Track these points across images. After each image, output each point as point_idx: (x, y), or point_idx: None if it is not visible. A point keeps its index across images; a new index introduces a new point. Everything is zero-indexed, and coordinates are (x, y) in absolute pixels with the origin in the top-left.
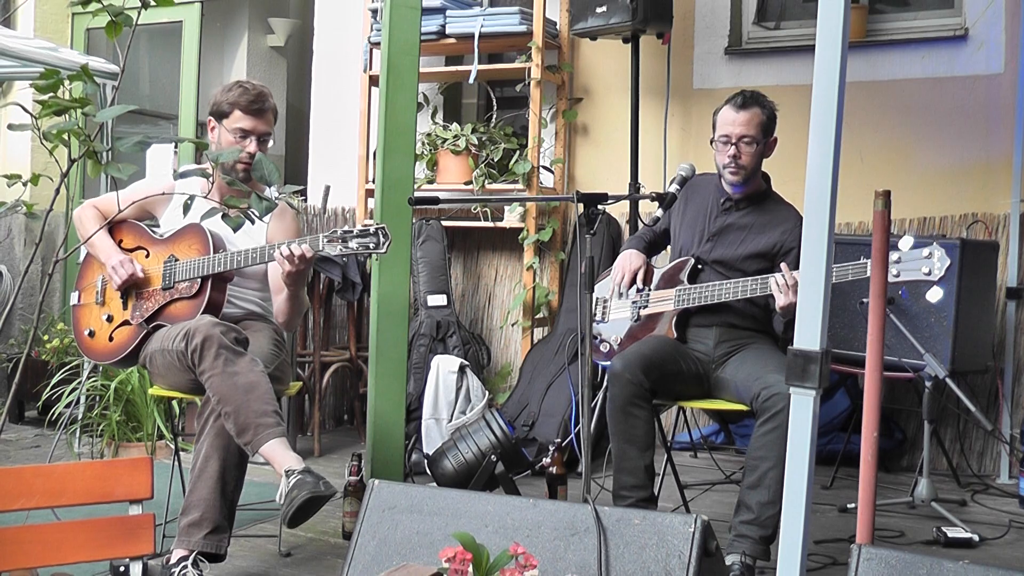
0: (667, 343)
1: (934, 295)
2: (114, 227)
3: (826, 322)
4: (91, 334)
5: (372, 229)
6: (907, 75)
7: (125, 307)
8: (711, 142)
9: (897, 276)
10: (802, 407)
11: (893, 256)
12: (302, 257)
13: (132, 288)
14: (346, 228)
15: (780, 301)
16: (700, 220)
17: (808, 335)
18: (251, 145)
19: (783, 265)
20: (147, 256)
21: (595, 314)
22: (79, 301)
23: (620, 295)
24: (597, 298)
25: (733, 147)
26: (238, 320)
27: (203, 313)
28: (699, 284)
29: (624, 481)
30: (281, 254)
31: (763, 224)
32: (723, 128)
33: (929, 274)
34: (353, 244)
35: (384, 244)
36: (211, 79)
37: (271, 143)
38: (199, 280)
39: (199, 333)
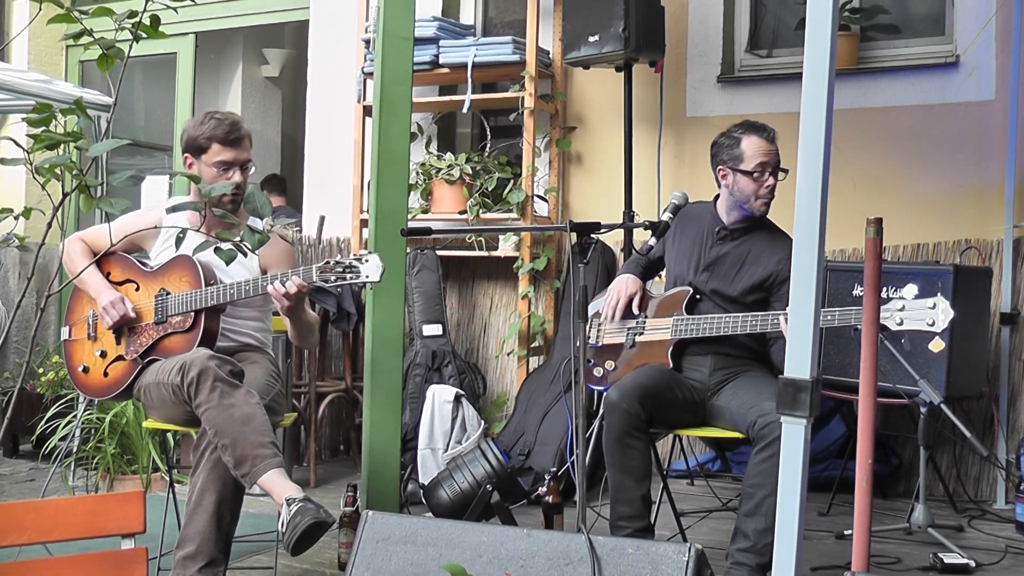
0: (663, 372)
1: (936, 346)
2: (103, 260)
3: (816, 351)
4: (85, 370)
5: (364, 258)
6: (899, 102)
7: (118, 342)
8: (732, 172)
9: (900, 324)
10: (793, 435)
11: (897, 304)
12: (296, 294)
13: (124, 324)
14: (338, 259)
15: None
16: (695, 249)
17: (798, 364)
18: (235, 175)
19: None
20: (137, 289)
21: (588, 335)
22: (70, 336)
23: (610, 319)
24: (591, 316)
25: (771, 176)
26: (233, 352)
27: (199, 346)
28: (696, 315)
29: (621, 512)
30: (275, 290)
31: (758, 253)
32: (759, 157)
33: (932, 325)
34: (345, 274)
35: (378, 272)
36: (206, 110)
37: (252, 169)
38: (192, 313)
39: (195, 366)
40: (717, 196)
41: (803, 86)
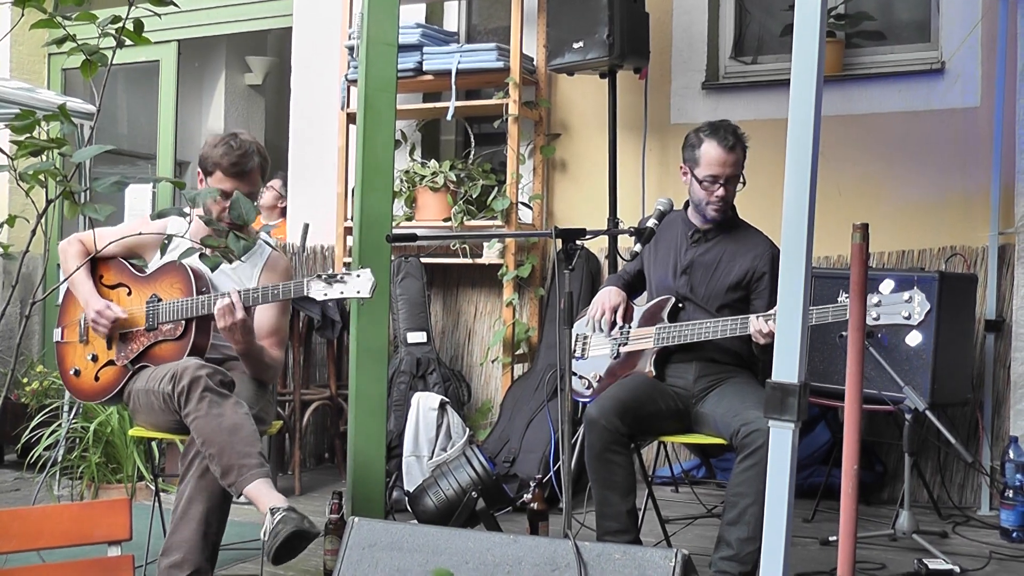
0: (645, 383)
1: (913, 339)
2: (98, 262)
3: (804, 355)
4: (76, 373)
5: (357, 273)
6: (884, 109)
7: (110, 347)
8: (690, 174)
9: (877, 320)
10: (781, 439)
11: (873, 299)
12: (228, 307)
13: (116, 330)
14: (330, 272)
15: (761, 341)
16: (671, 255)
17: (786, 368)
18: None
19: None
20: (129, 294)
21: (575, 350)
22: (62, 338)
23: (598, 331)
24: (577, 335)
25: (722, 187)
26: (223, 363)
27: (188, 355)
28: (679, 323)
29: (607, 527)
30: (216, 307)
31: (733, 252)
32: (712, 168)
33: (908, 318)
34: (337, 288)
35: (369, 288)
36: (189, 118)
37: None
38: (183, 322)
39: (186, 375)
40: (687, 203)
41: (791, 93)
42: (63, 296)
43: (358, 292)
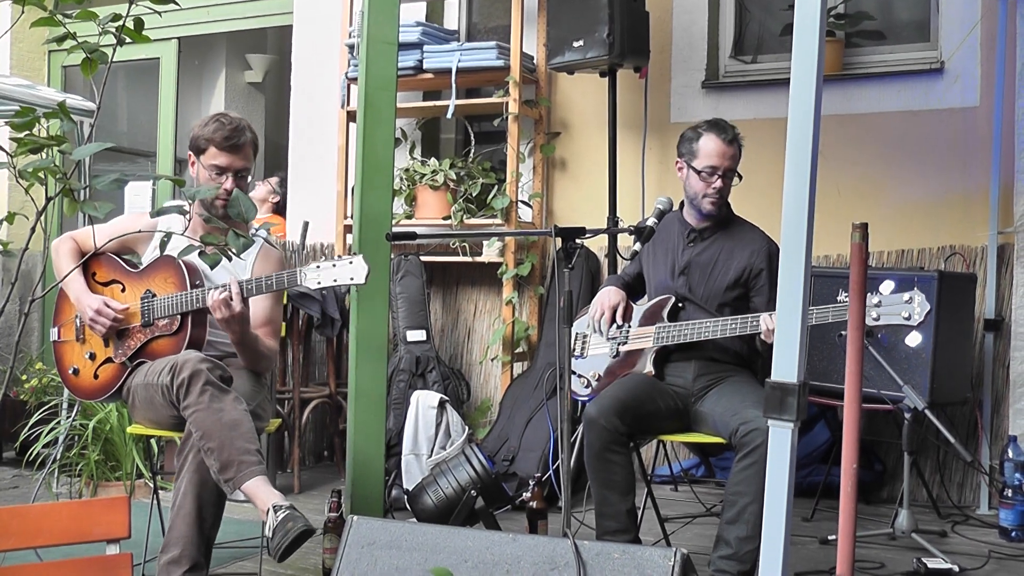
0: (644, 382)
1: (913, 339)
2: (91, 259)
3: (804, 355)
4: (75, 372)
5: (350, 260)
6: (884, 108)
7: (107, 344)
8: (687, 168)
9: (877, 320)
10: (780, 439)
11: (873, 300)
12: (223, 300)
13: (115, 328)
14: (323, 260)
15: (769, 340)
16: (669, 256)
17: (785, 367)
18: (227, 182)
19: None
20: (122, 291)
21: (574, 349)
22: (59, 337)
23: (598, 331)
24: (576, 333)
25: (720, 179)
26: (220, 359)
27: (186, 349)
28: (679, 322)
29: (607, 526)
30: (213, 298)
31: (730, 249)
32: (712, 159)
33: (908, 319)
34: (331, 276)
35: (363, 274)
36: (189, 116)
37: (251, 178)
38: (179, 316)
39: (186, 368)
40: (682, 203)
41: (790, 92)
42: (58, 295)
43: (351, 278)
